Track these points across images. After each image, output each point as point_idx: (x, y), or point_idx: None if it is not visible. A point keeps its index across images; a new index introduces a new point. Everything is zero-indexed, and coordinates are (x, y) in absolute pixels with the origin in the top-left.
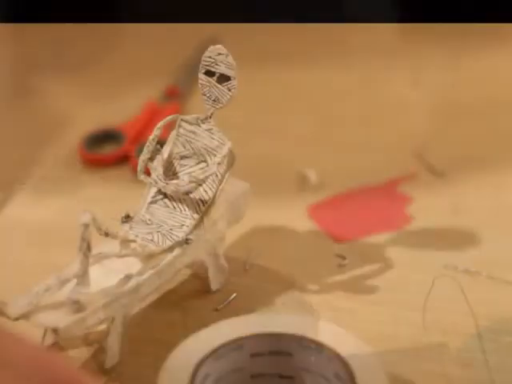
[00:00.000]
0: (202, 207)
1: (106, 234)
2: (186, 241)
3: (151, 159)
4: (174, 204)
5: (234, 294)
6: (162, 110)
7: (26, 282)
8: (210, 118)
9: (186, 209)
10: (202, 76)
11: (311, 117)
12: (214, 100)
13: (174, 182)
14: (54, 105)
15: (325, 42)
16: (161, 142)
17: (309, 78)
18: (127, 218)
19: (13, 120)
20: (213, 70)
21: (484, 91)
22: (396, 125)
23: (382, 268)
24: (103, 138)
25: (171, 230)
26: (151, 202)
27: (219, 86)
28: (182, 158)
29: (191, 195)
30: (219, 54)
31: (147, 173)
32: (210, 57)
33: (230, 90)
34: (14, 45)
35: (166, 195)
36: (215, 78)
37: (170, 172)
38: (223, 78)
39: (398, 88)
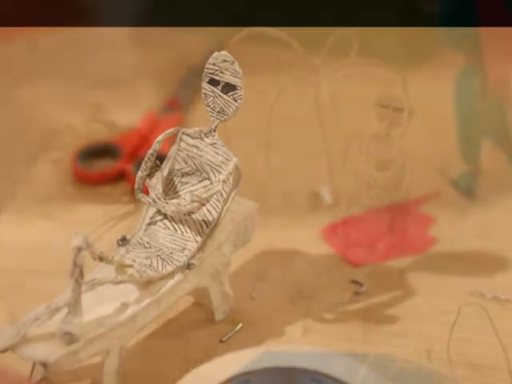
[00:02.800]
0: (206, 229)
1: (101, 259)
2: (188, 266)
3: (150, 176)
4: (175, 225)
5: (240, 325)
6: (161, 123)
7: (12, 311)
8: (214, 131)
9: (188, 231)
10: (205, 85)
11: (324, 129)
12: (218, 111)
13: (175, 201)
14: (44, 115)
15: (337, 47)
16: (160, 158)
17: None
18: (123, 241)
19: None
20: (217, 78)
21: None
22: (418, 138)
23: (402, 295)
24: (98, 152)
25: (171, 253)
26: (150, 224)
27: (224, 95)
28: (184, 175)
29: (193, 216)
30: (224, 61)
31: (145, 191)
32: (214, 64)
33: (235, 101)
34: (4, 50)
35: (165, 216)
36: (220, 87)
37: (170, 190)
38: (228, 88)
39: (419, 98)
